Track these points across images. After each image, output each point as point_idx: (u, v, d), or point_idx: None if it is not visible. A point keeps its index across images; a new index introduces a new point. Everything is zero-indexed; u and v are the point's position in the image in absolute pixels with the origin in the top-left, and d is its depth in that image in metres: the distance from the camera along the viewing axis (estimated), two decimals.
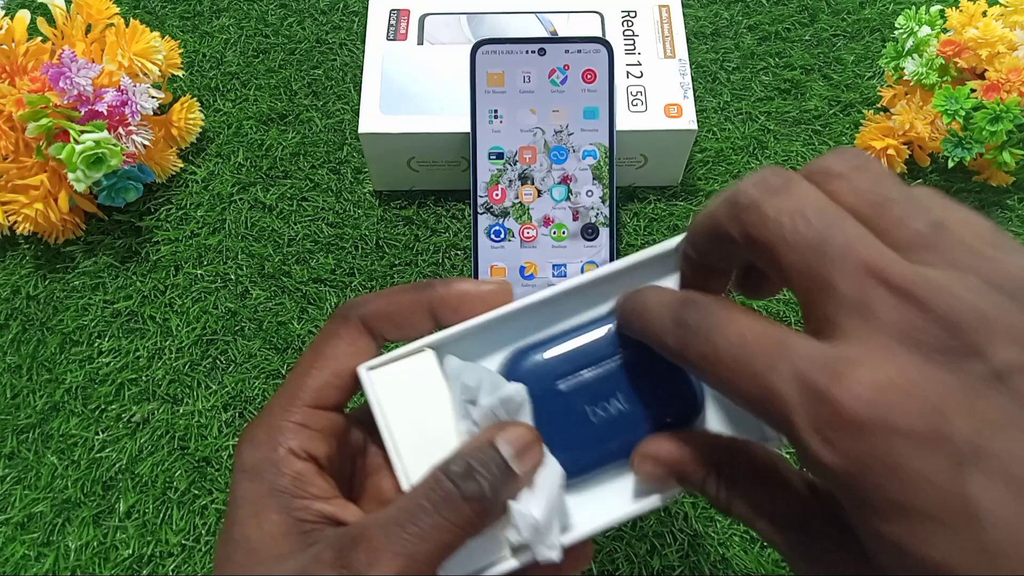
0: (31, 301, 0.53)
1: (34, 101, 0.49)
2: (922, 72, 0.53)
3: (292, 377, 0.26)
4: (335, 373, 0.26)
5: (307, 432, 0.25)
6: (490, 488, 0.23)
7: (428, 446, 0.26)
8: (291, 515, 0.24)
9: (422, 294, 0.26)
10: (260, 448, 0.25)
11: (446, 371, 0.26)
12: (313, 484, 0.25)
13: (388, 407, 0.26)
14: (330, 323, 0.27)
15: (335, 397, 0.26)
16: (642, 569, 0.44)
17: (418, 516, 0.23)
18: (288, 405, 0.26)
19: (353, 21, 0.64)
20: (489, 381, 0.25)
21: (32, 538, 0.46)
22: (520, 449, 0.24)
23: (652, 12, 0.56)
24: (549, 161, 0.50)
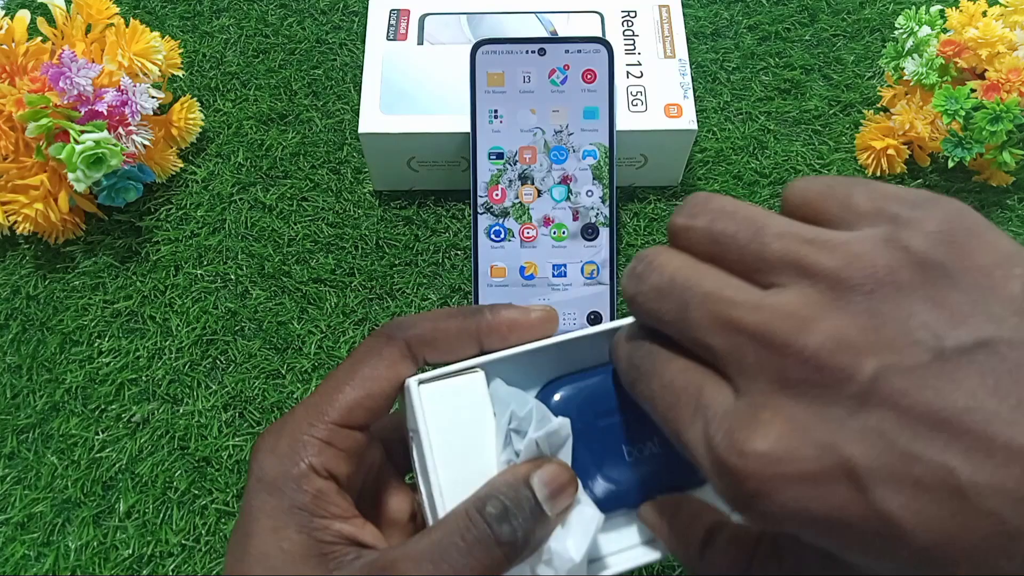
0: (31, 301, 0.53)
1: (34, 101, 0.49)
2: (922, 72, 0.53)
3: (323, 390, 0.26)
4: (369, 393, 0.25)
5: (331, 450, 0.25)
6: (523, 532, 0.23)
7: (467, 469, 0.25)
8: (311, 535, 0.24)
9: (470, 321, 0.26)
10: (282, 461, 0.24)
11: (494, 395, 0.26)
12: (333, 503, 0.24)
13: (433, 424, 0.25)
14: (372, 340, 0.26)
15: (364, 417, 0.26)
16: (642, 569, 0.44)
17: (450, 554, 0.22)
18: (314, 419, 0.25)
19: (353, 21, 0.64)
20: (538, 412, 0.25)
21: (32, 538, 0.46)
22: (555, 490, 0.24)
23: (652, 12, 0.56)
24: (549, 161, 0.50)
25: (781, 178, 0.57)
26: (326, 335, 0.51)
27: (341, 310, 0.52)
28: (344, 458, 0.25)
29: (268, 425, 0.49)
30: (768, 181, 0.57)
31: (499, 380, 0.26)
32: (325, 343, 0.51)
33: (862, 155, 0.57)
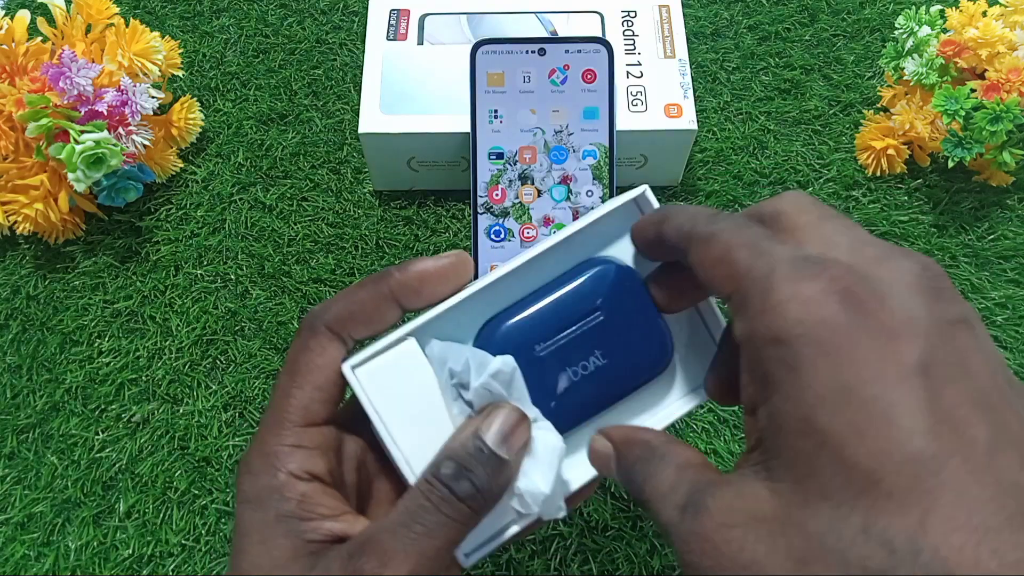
0: (31, 301, 0.53)
1: (34, 101, 0.49)
2: (922, 72, 0.53)
3: (274, 400, 0.26)
4: (316, 387, 0.25)
5: (303, 452, 0.25)
6: (482, 483, 0.24)
7: (426, 435, 0.26)
8: (300, 538, 0.24)
9: (380, 285, 0.26)
10: (259, 476, 0.25)
11: (430, 356, 0.27)
12: (320, 504, 0.25)
13: (379, 402, 0.26)
14: (297, 337, 0.26)
15: (323, 411, 0.26)
16: (642, 569, 0.44)
17: (421, 515, 0.23)
18: (278, 429, 0.25)
19: (353, 21, 0.64)
20: (475, 360, 0.25)
21: (32, 538, 0.46)
22: (504, 434, 0.24)
23: (652, 12, 0.56)
24: (549, 161, 0.50)
25: (781, 178, 0.57)
26: None
27: None
28: (319, 455, 0.25)
29: None
30: (768, 181, 0.57)
31: (434, 340, 0.27)
32: None
33: (862, 155, 0.57)
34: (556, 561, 0.44)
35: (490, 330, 0.27)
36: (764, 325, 0.19)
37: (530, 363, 0.27)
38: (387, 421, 0.26)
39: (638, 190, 0.28)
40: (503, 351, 0.26)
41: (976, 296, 0.52)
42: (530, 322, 0.27)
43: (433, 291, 0.26)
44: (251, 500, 0.25)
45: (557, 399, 0.27)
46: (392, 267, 0.26)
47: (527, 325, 0.27)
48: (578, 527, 0.45)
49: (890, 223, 0.55)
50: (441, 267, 0.26)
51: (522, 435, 0.25)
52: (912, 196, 0.56)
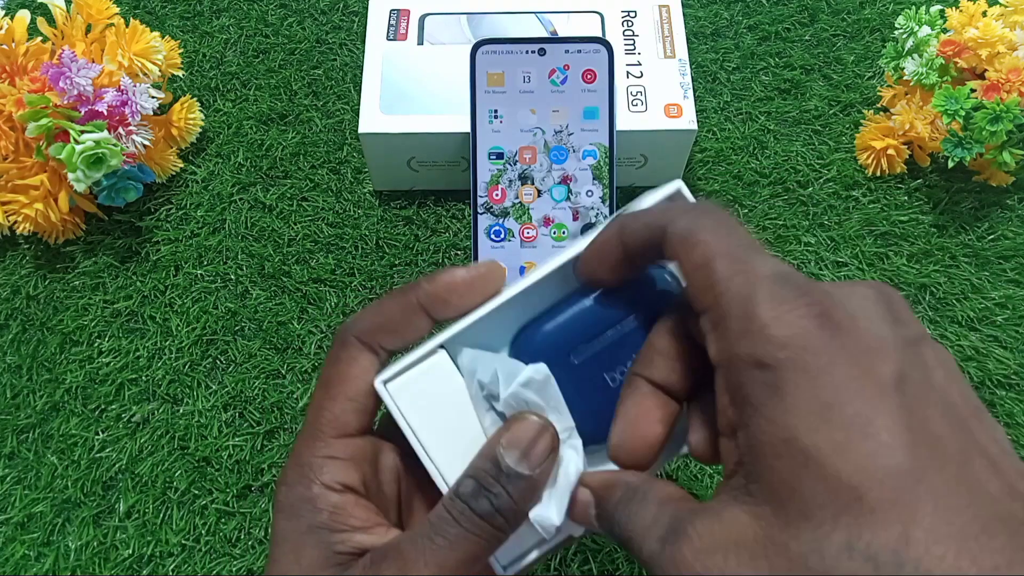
0: (31, 301, 0.53)
1: (34, 101, 0.49)
2: (922, 72, 0.53)
3: (310, 413, 0.26)
4: (349, 398, 0.26)
5: (337, 463, 0.25)
6: (502, 503, 0.23)
7: (460, 447, 0.25)
8: (329, 549, 0.24)
9: (408, 296, 0.26)
10: (294, 487, 0.25)
11: (461, 366, 0.26)
12: (352, 516, 0.25)
13: (412, 415, 0.26)
14: (331, 351, 0.27)
15: (356, 422, 0.26)
16: (642, 569, 0.44)
17: (443, 528, 0.23)
18: (313, 441, 0.25)
19: (353, 21, 0.64)
20: (504, 370, 0.25)
21: (32, 538, 0.46)
22: (525, 449, 0.24)
23: (652, 12, 0.56)
24: (549, 161, 0.50)
25: (781, 178, 0.57)
26: (326, 335, 0.51)
27: (341, 310, 0.52)
28: (352, 467, 0.25)
29: (268, 425, 0.49)
30: (768, 181, 0.57)
31: (467, 349, 0.26)
32: (325, 343, 0.51)
33: (862, 155, 0.57)
34: (556, 561, 0.44)
35: (523, 338, 0.27)
36: (746, 348, 0.19)
37: (567, 370, 0.26)
38: (420, 434, 0.26)
39: (672, 187, 0.26)
40: (536, 359, 0.25)
41: (976, 296, 0.52)
42: (564, 327, 0.26)
43: (462, 302, 0.26)
44: (285, 510, 0.25)
45: (597, 407, 0.26)
46: (423, 277, 0.26)
47: (561, 330, 0.26)
48: None
49: (890, 223, 0.55)
50: (471, 278, 0.26)
51: (544, 446, 0.24)
52: (912, 196, 0.56)
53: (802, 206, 0.56)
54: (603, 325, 0.26)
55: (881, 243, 0.54)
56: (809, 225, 0.55)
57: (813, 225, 0.55)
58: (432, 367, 0.26)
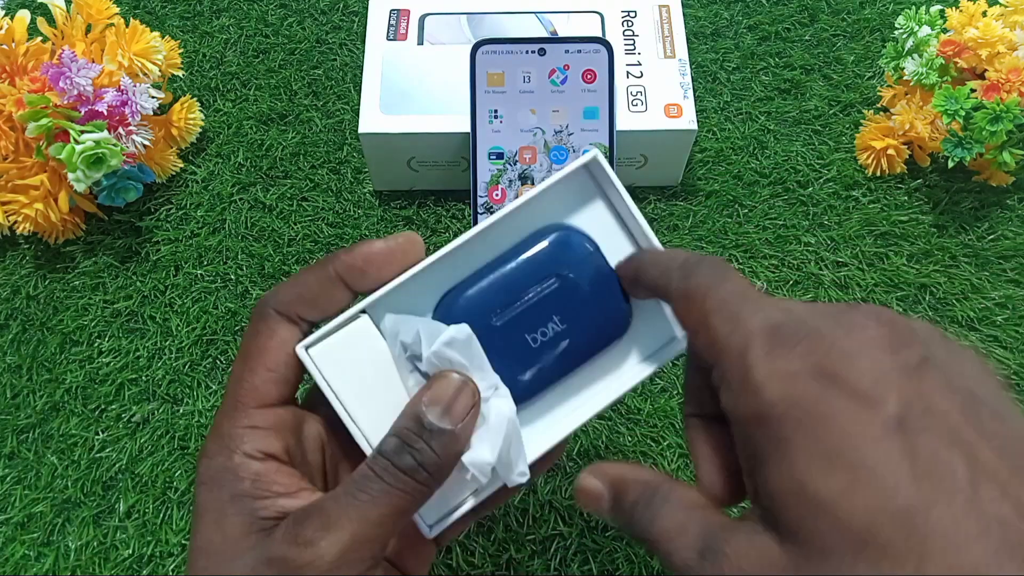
0: (31, 301, 0.53)
1: (34, 101, 0.49)
2: (922, 72, 0.53)
3: (229, 386, 0.26)
4: (268, 369, 0.26)
5: (258, 432, 0.25)
6: (426, 457, 0.24)
7: (384, 410, 0.26)
8: (252, 515, 0.24)
9: (326, 267, 0.26)
10: (215, 458, 0.25)
11: (384, 330, 0.27)
12: (275, 482, 0.25)
13: (335, 379, 0.26)
14: (250, 323, 0.27)
15: (276, 392, 0.26)
16: (642, 569, 0.44)
17: (366, 484, 0.23)
18: (232, 412, 0.26)
19: (353, 21, 0.64)
20: (427, 330, 0.25)
21: (32, 538, 0.46)
22: (446, 405, 0.24)
23: (652, 12, 0.56)
24: (549, 161, 0.50)
25: (781, 178, 0.57)
26: None
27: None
28: (275, 436, 0.25)
29: None
30: (768, 181, 0.57)
31: (389, 314, 0.27)
32: None
33: (862, 155, 0.57)
34: (556, 561, 0.44)
35: (446, 302, 0.27)
36: (745, 405, 0.20)
37: (489, 332, 0.27)
38: (344, 398, 0.26)
39: (588, 155, 0.27)
40: (459, 321, 0.26)
41: (976, 296, 0.52)
42: (486, 291, 0.27)
43: (380, 273, 0.26)
44: (207, 481, 0.25)
45: (518, 367, 0.27)
46: (340, 249, 0.27)
47: (483, 294, 0.27)
48: (578, 527, 0.45)
49: (890, 223, 0.55)
50: (388, 248, 0.26)
51: (465, 402, 0.25)
52: (912, 196, 0.56)
53: (802, 206, 0.56)
54: (523, 288, 0.27)
55: (881, 243, 0.54)
56: (809, 225, 0.55)
57: (813, 225, 0.55)
58: (355, 331, 0.26)
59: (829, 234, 0.54)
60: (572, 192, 0.28)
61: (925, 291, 0.52)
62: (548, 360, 0.28)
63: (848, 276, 0.53)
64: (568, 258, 0.27)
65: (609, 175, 0.27)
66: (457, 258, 0.27)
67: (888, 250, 0.54)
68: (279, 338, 0.26)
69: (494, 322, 0.27)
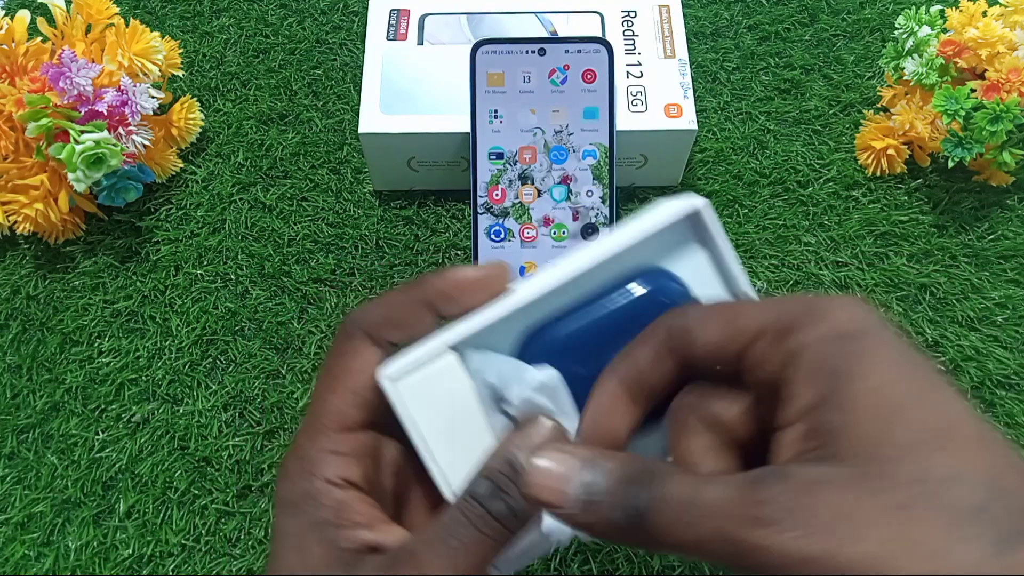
0: (31, 301, 0.53)
1: (34, 101, 0.49)
2: (922, 72, 0.53)
3: (312, 405, 0.26)
4: (352, 391, 0.25)
5: (339, 458, 0.25)
6: (517, 504, 0.23)
7: (465, 450, 0.25)
8: (334, 545, 0.24)
9: (416, 291, 0.26)
10: (296, 482, 0.25)
11: (470, 368, 0.26)
12: (356, 512, 0.24)
13: (417, 415, 0.25)
14: (335, 342, 0.26)
15: (359, 416, 0.26)
16: (642, 569, 0.44)
17: (457, 530, 0.23)
18: (315, 435, 0.25)
19: (353, 21, 0.64)
20: (516, 373, 0.25)
21: (32, 538, 0.46)
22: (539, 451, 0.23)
23: (652, 12, 0.56)
24: (549, 161, 0.50)
25: (781, 178, 0.57)
26: (326, 335, 0.51)
27: (341, 310, 0.52)
28: (355, 462, 0.25)
29: (268, 425, 0.49)
30: (768, 181, 0.57)
31: (477, 351, 0.26)
32: (325, 343, 0.51)
33: (862, 155, 0.57)
34: (556, 561, 0.44)
35: (535, 343, 0.26)
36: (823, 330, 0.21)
37: (575, 380, 0.26)
38: (425, 435, 0.25)
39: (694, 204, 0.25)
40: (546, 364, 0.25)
41: (976, 296, 0.52)
42: (575, 337, 0.26)
43: (470, 300, 0.26)
44: (287, 505, 0.25)
45: None
46: (429, 274, 0.26)
47: (572, 339, 0.26)
48: None
49: (890, 223, 0.55)
50: (479, 277, 0.26)
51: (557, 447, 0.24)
52: (912, 196, 0.56)
53: (802, 206, 0.56)
54: (614, 336, 0.26)
55: (881, 243, 0.54)
56: (809, 225, 0.55)
57: (813, 225, 0.55)
58: (441, 368, 0.26)
59: (829, 234, 0.54)
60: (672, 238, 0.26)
61: (925, 291, 0.52)
62: None
63: (848, 276, 0.53)
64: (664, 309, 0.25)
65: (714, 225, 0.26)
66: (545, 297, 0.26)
67: (888, 250, 0.54)
68: (365, 360, 0.26)
69: (581, 371, 0.26)
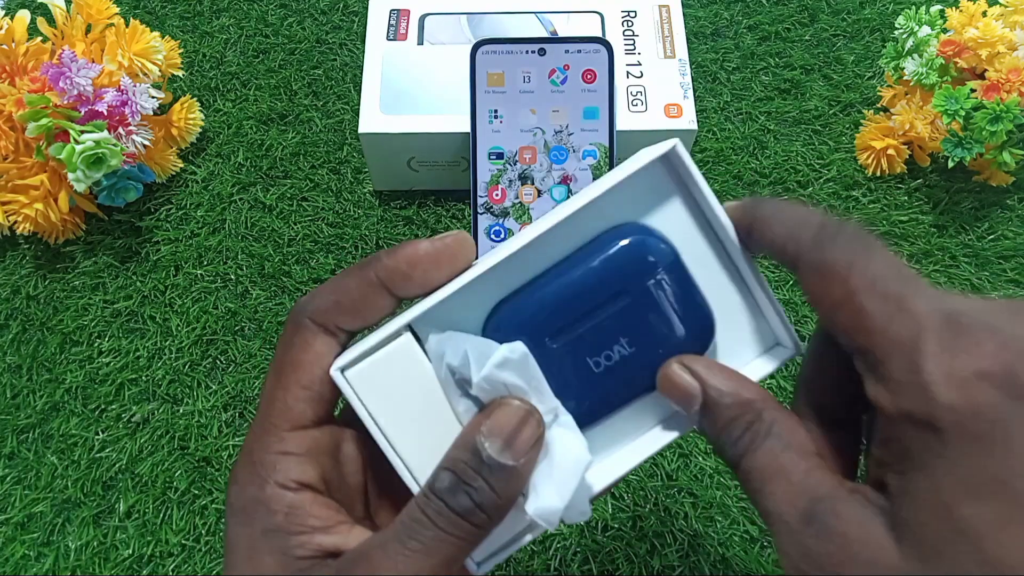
0: (31, 301, 0.53)
1: (34, 101, 0.49)
2: (922, 72, 0.53)
3: (261, 405, 0.24)
4: (303, 387, 0.23)
5: (292, 459, 0.23)
6: (484, 497, 0.21)
7: (430, 439, 0.23)
8: (287, 554, 0.22)
9: (367, 271, 0.23)
10: (246, 488, 0.23)
11: (429, 350, 0.24)
12: (311, 515, 0.23)
13: (374, 406, 0.23)
14: (283, 333, 0.24)
15: (312, 412, 0.23)
16: (642, 569, 0.44)
17: (417, 531, 0.21)
18: (263, 436, 0.23)
19: (353, 21, 0.64)
20: (477, 350, 0.22)
21: (32, 538, 0.46)
22: (508, 437, 0.22)
23: (652, 12, 0.56)
24: (549, 161, 0.50)
25: (781, 178, 0.57)
26: None
27: None
28: (309, 462, 0.23)
29: None
30: (768, 181, 0.57)
31: (434, 333, 0.24)
32: None
33: (862, 155, 0.57)
34: (556, 561, 0.44)
35: (498, 317, 0.24)
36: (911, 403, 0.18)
37: (545, 354, 0.23)
38: (385, 427, 0.23)
39: (667, 144, 0.23)
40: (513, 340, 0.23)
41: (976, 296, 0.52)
42: (543, 306, 0.23)
43: (427, 277, 0.23)
44: (237, 513, 0.23)
45: (576, 394, 0.24)
46: (382, 251, 0.24)
47: (540, 310, 0.23)
48: (578, 527, 0.45)
49: (890, 223, 0.55)
50: (435, 250, 0.23)
51: (529, 434, 0.22)
52: (912, 196, 0.56)
53: None
54: (587, 303, 0.23)
55: None
56: None
57: None
58: (396, 351, 0.23)
59: None
60: (644, 188, 0.24)
61: None
62: (611, 387, 0.24)
63: None
64: (642, 268, 0.23)
65: (689, 168, 0.23)
66: (510, 265, 0.23)
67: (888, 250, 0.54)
68: (315, 351, 0.23)
69: (550, 343, 0.23)
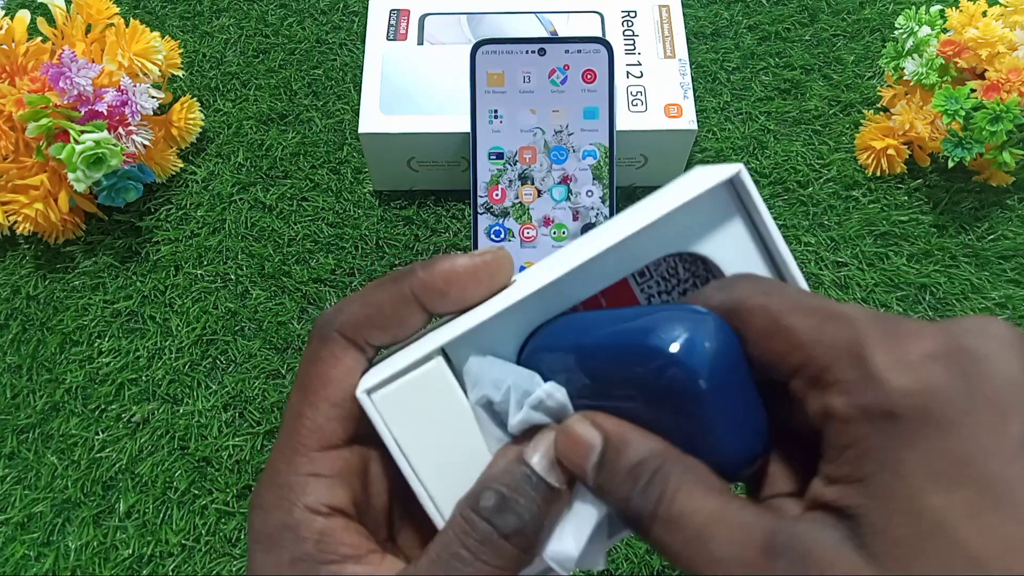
0: (31, 301, 0.53)
1: (34, 101, 0.49)
2: (922, 72, 0.53)
3: (286, 422, 0.22)
4: (332, 404, 0.22)
5: (322, 481, 0.22)
6: (531, 516, 0.20)
7: (457, 470, 0.22)
8: None
9: (400, 284, 0.22)
10: (272, 513, 0.21)
11: (467, 373, 0.22)
12: (342, 543, 0.21)
13: (401, 432, 0.22)
14: (309, 346, 0.23)
15: (341, 431, 0.22)
16: (642, 569, 0.44)
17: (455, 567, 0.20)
18: (292, 456, 0.22)
19: (353, 21, 0.64)
20: (517, 385, 0.21)
21: (32, 538, 0.46)
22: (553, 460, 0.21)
23: (652, 12, 0.56)
24: (549, 161, 0.50)
25: (781, 178, 0.57)
26: None
27: None
28: (339, 484, 0.22)
29: (268, 425, 0.49)
30: (768, 181, 0.57)
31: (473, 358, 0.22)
32: None
33: (862, 155, 0.57)
34: None
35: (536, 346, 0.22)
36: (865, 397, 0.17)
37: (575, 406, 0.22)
38: (410, 454, 0.22)
39: (730, 169, 0.21)
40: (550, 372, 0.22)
41: (976, 296, 0.52)
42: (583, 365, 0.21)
43: (463, 295, 0.22)
44: (263, 540, 0.21)
45: None
46: (417, 263, 0.22)
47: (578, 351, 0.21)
48: None
49: (890, 223, 0.55)
50: (474, 267, 0.22)
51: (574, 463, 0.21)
52: (912, 196, 0.56)
53: (802, 206, 0.56)
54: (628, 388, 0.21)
55: (881, 243, 0.54)
56: (809, 225, 0.55)
57: (813, 225, 0.55)
58: (426, 375, 0.22)
59: (829, 234, 0.54)
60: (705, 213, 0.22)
61: (925, 291, 0.52)
62: None
63: (848, 276, 0.53)
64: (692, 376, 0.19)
65: (752, 195, 0.21)
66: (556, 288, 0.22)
67: (888, 250, 0.54)
68: (344, 367, 0.22)
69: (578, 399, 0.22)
